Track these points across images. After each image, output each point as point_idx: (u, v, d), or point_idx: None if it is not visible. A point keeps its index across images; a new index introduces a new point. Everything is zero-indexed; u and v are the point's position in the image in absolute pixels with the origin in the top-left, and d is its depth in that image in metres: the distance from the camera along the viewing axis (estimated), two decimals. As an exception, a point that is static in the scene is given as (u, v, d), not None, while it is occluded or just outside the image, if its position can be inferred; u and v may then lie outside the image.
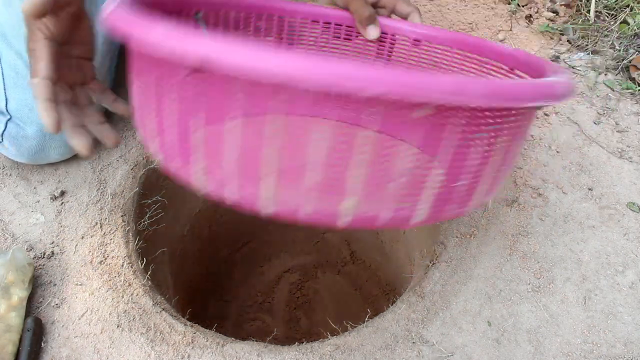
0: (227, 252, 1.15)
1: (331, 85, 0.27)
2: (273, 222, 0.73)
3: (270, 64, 0.27)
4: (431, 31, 0.63)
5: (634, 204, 0.71)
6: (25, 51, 0.65)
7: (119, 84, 0.88)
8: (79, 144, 0.53)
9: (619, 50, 0.94)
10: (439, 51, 0.62)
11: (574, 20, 1.00)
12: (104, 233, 0.67)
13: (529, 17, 1.02)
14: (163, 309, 0.61)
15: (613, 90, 0.87)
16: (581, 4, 1.02)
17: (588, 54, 0.94)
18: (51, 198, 0.71)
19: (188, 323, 0.61)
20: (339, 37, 0.66)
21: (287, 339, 0.62)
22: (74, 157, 0.76)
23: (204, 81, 0.32)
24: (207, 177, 0.35)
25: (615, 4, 1.00)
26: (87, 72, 0.58)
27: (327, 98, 0.30)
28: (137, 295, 0.61)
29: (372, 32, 0.64)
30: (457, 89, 0.27)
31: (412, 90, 0.27)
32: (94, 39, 0.58)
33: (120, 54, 0.86)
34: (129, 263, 0.64)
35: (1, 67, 0.68)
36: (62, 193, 0.72)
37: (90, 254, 0.65)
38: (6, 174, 0.74)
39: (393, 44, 0.65)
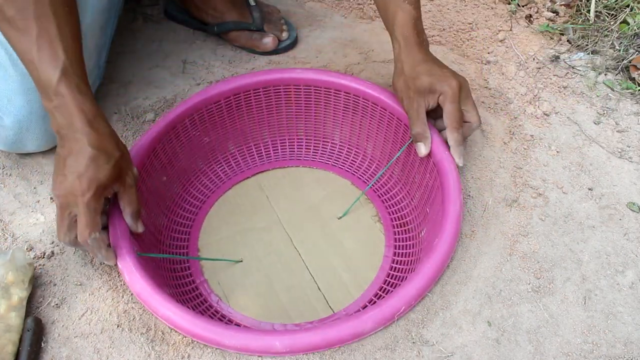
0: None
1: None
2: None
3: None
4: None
5: (634, 204, 0.71)
6: (4, 41, 0.65)
7: (110, 80, 0.88)
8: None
9: (619, 50, 0.94)
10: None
11: (574, 20, 1.00)
12: (104, 233, 0.67)
13: (529, 17, 1.02)
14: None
15: (613, 90, 0.87)
16: (581, 4, 1.02)
17: (588, 54, 0.94)
18: (51, 198, 0.71)
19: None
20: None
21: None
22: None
23: None
24: None
25: (615, 4, 1.00)
26: None
27: None
28: (137, 295, 0.61)
29: (421, 150, 0.69)
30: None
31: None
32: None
33: (111, 53, 0.86)
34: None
35: None
36: (62, 193, 0.72)
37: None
38: (6, 174, 0.74)
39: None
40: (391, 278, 0.74)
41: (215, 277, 0.74)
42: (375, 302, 0.70)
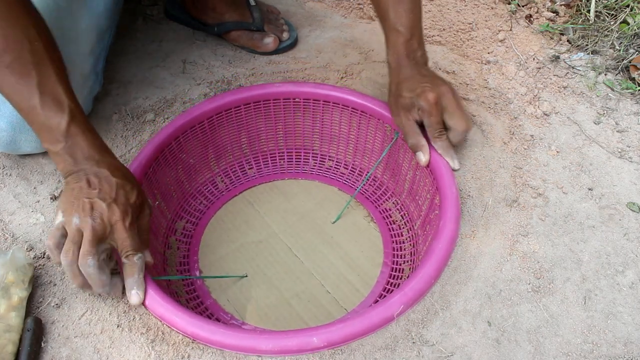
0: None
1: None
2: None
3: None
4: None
5: (634, 204, 0.71)
6: None
7: (110, 80, 0.88)
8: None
9: (619, 50, 0.94)
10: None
11: (574, 20, 1.00)
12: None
13: (529, 17, 1.02)
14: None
15: (613, 90, 0.87)
16: (581, 4, 1.02)
17: (588, 54, 0.94)
18: (51, 198, 0.71)
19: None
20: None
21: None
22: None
23: None
24: None
25: (615, 4, 1.00)
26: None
27: None
28: (137, 295, 0.61)
29: (420, 159, 0.72)
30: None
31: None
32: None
33: (111, 53, 0.86)
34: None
35: None
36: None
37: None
38: (6, 174, 0.74)
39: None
40: (395, 272, 0.74)
41: (223, 295, 0.74)
42: (385, 296, 0.71)
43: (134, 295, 0.57)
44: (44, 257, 0.64)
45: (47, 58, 0.57)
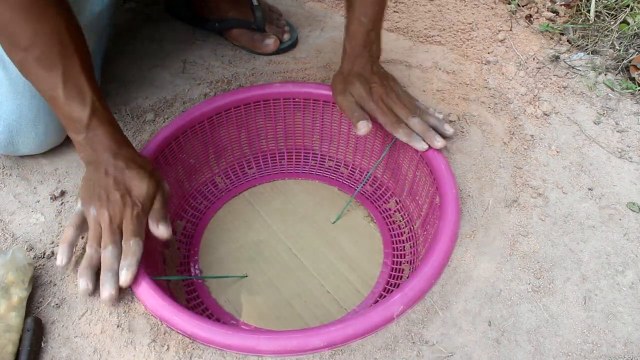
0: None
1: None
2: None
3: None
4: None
5: (634, 204, 0.71)
6: None
7: (110, 80, 0.88)
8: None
9: (619, 50, 0.94)
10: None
11: (574, 20, 1.00)
12: (104, 233, 0.66)
13: (529, 17, 1.02)
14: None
15: (613, 90, 0.87)
16: (581, 4, 1.02)
17: (588, 54, 0.94)
18: (51, 198, 0.71)
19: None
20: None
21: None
22: (73, 157, 0.76)
23: None
24: None
25: (615, 4, 1.00)
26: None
27: None
28: (137, 295, 0.61)
29: (360, 129, 0.72)
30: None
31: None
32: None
33: (111, 53, 0.86)
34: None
35: None
36: (62, 193, 0.72)
37: (90, 254, 0.65)
38: (6, 174, 0.74)
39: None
40: (395, 272, 0.74)
41: (222, 295, 0.74)
42: (385, 296, 0.71)
43: (122, 275, 0.59)
44: (44, 257, 0.64)
45: (74, 51, 0.59)
